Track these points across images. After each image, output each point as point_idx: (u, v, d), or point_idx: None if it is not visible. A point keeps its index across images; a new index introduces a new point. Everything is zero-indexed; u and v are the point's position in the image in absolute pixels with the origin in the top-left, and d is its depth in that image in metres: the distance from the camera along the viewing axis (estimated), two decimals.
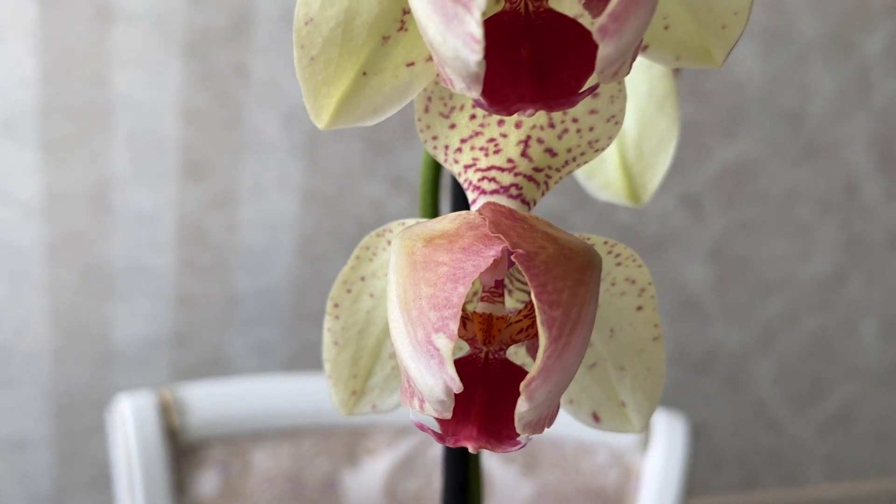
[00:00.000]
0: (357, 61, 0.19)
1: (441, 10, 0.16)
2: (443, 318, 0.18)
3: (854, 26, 1.01)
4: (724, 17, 0.20)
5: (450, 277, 0.18)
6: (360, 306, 0.21)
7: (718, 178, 1.07)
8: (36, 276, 0.94)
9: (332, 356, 0.23)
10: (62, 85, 0.86)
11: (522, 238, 0.19)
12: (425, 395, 0.18)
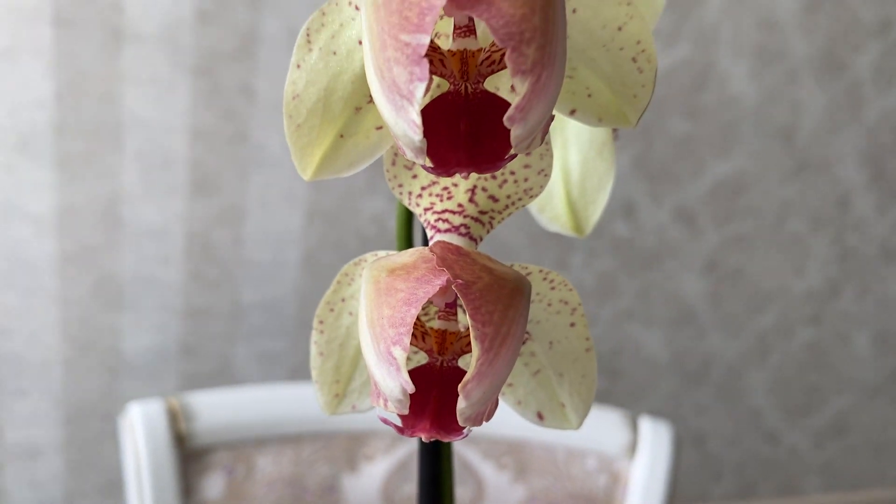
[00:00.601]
0: (335, 127, 0.23)
1: (391, 101, 0.20)
2: (399, 334, 0.22)
3: (845, 45, 1.03)
4: (635, 89, 0.24)
5: (405, 301, 0.22)
6: (341, 322, 0.26)
7: (713, 192, 1.09)
8: (48, 289, 0.96)
9: (318, 365, 0.27)
10: (75, 104, 0.89)
11: (464, 270, 0.23)
12: (388, 396, 0.23)
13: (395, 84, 0.20)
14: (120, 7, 0.86)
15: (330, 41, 0.22)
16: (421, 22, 0.20)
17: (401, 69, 0.20)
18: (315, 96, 0.23)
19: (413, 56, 0.20)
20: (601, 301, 1.13)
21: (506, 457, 0.52)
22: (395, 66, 0.20)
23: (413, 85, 0.20)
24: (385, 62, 0.20)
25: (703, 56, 1.00)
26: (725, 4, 0.98)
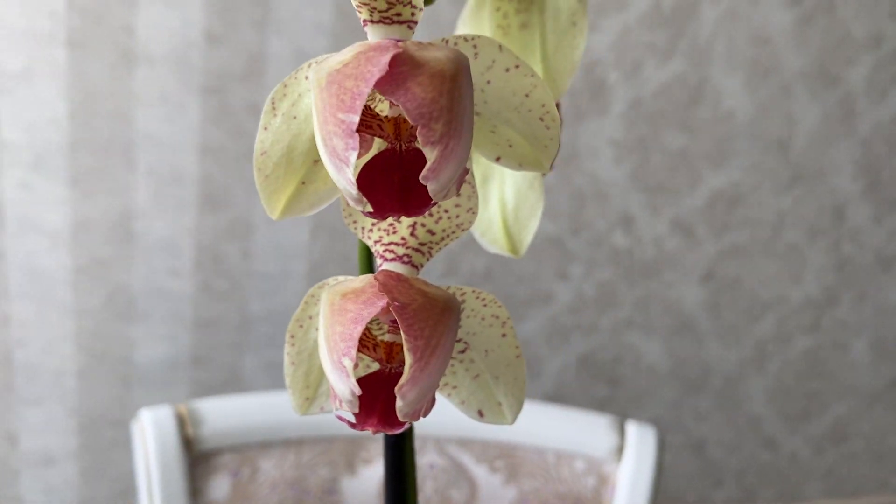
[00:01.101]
0: (297, 177, 0.28)
1: (333, 163, 0.25)
2: (347, 346, 0.27)
3: (837, 58, 1.06)
4: (545, 141, 0.29)
5: (352, 320, 0.27)
6: (309, 336, 0.31)
7: (709, 203, 1.11)
8: (62, 300, 0.99)
9: (290, 373, 0.32)
10: (88, 123, 0.92)
11: (401, 294, 0.28)
12: (341, 398, 0.27)
13: (335, 151, 0.25)
14: (131, 29, 0.89)
15: (291, 108, 0.27)
16: (353, 104, 0.24)
17: (339, 140, 0.25)
18: (279, 153, 0.27)
19: (347, 131, 0.24)
20: (601, 310, 1.15)
21: (498, 460, 0.55)
22: (334, 137, 0.25)
23: (348, 152, 0.25)
24: (327, 134, 0.25)
25: (698, 71, 1.03)
26: (719, 20, 1.01)
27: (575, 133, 1.04)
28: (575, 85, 1.01)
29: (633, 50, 1.00)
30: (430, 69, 0.25)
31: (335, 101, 0.25)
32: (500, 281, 1.11)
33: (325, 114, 0.25)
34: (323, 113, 0.25)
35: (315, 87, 0.25)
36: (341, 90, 0.24)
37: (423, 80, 0.24)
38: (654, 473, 0.55)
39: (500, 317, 0.32)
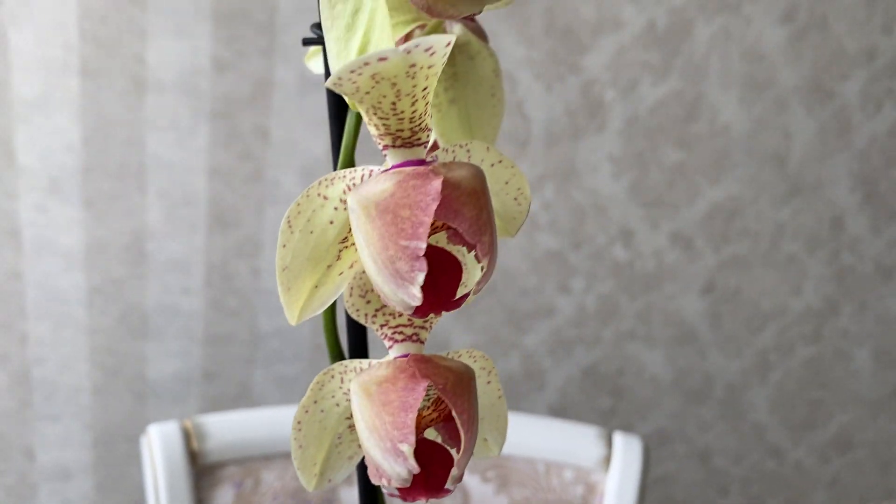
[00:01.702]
0: (312, 282, 0.30)
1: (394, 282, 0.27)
2: (404, 434, 0.29)
3: (831, 73, 1.08)
4: (514, 215, 0.33)
5: (402, 408, 0.29)
6: (315, 419, 0.32)
7: (708, 216, 1.14)
8: (78, 319, 1.02)
9: (299, 455, 0.33)
10: (101, 148, 0.96)
11: (436, 375, 0.30)
12: (392, 478, 0.30)
13: (398, 272, 0.27)
14: (142, 58, 0.93)
15: (306, 224, 0.29)
16: (415, 232, 0.27)
17: (403, 263, 0.27)
18: (299, 266, 0.30)
19: (413, 255, 0.27)
20: (603, 323, 1.18)
21: (490, 470, 0.57)
22: (398, 261, 0.27)
23: (414, 274, 0.27)
24: (388, 258, 0.27)
25: (693, 88, 1.06)
26: (712, 38, 1.03)
27: (574, 150, 1.06)
28: (573, 103, 1.04)
29: (628, 68, 1.03)
30: (467, 189, 0.27)
31: (394, 230, 0.27)
32: (503, 295, 1.13)
33: (383, 240, 0.27)
34: (381, 239, 0.27)
35: (362, 213, 0.27)
36: (398, 219, 0.27)
37: (466, 200, 0.27)
38: (640, 482, 0.58)
39: (486, 367, 0.35)
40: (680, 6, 1.00)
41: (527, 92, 1.02)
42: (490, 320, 1.14)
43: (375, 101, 0.27)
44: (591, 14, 0.99)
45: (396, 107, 0.27)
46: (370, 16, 0.26)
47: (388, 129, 0.28)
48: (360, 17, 0.26)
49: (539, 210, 1.09)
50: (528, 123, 1.04)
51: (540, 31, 0.99)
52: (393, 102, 0.27)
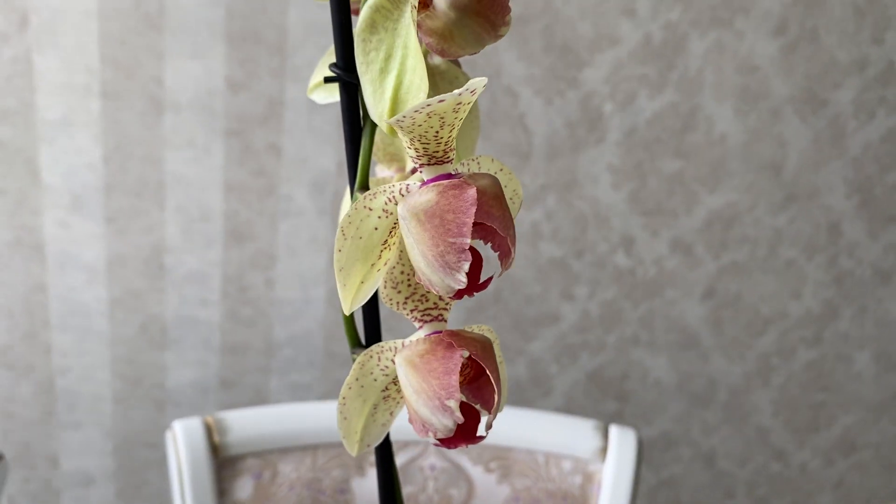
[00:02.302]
0: (360, 277, 0.35)
1: (444, 271, 0.34)
2: (450, 392, 0.34)
3: (824, 83, 1.12)
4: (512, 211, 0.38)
5: (445, 372, 0.35)
6: (357, 394, 0.38)
7: (707, 224, 1.17)
8: (99, 330, 1.07)
9: (343, 426, 0.39)
10: (122, 166, 1.00)
11: (468, 345, 0.36)
12: (440, 430, 0.35)
13: (447, 263, 0.33)
14: (160, 80, 0.97)
15: (356, 231, 0.35)
16: (461, 230, 0.33)
17: (452, 255, 0.32)
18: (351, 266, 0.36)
19: (460, 248, 0.33)
20: (607, 329, 1.21)
21: (493, 461, 0.61)
22: (447, 254, 0.32)
23: (461, 263, 0.33)
24: (439, 252, 0.33)
25: (689, 100, 1.09)
26: (707, 52, 1.07)
27: (575, 161, 1.10)
28: (573, 116, 1.08)
29: (626, 82, 1.07)
30: (492, 194, 0.34)
31: (442, 230, 0.33)
32: (509, 302, 1.17)
33: (434, 239, 0.33)
34: (432, 238, 0.33)
35: (412, 219, 0.34)
36: (445, 221, 0.33)
37: (494, 203, 0.33)
38: (635, 471, 0.62)
39: (492, 339, 0.40)
40: (674, 21, 1.05)
41: (528, 106, 1.06)
42: (497, 327, 1.18)
43: (424, 131, 0.33)
44: (588, 31, 1.04)
45: (439, 134, 0.33)
46: (401, 61, 0.32)
47: (427, 151, 0.34)
48: (392, 63, 0.32)
49: (542, 219, 1.13)
50: (530, 136, 1.08)
51: (539, 48, 1.04)
52: (437, 132, 0.33)
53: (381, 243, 0.35)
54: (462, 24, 0.32)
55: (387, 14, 0.32)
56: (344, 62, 0.33)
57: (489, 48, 1.03)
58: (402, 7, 0.32)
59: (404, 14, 0.32)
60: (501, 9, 0.33)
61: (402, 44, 0.32)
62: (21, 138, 0.97)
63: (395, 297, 0.37)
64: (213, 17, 0.95)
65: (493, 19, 0.33)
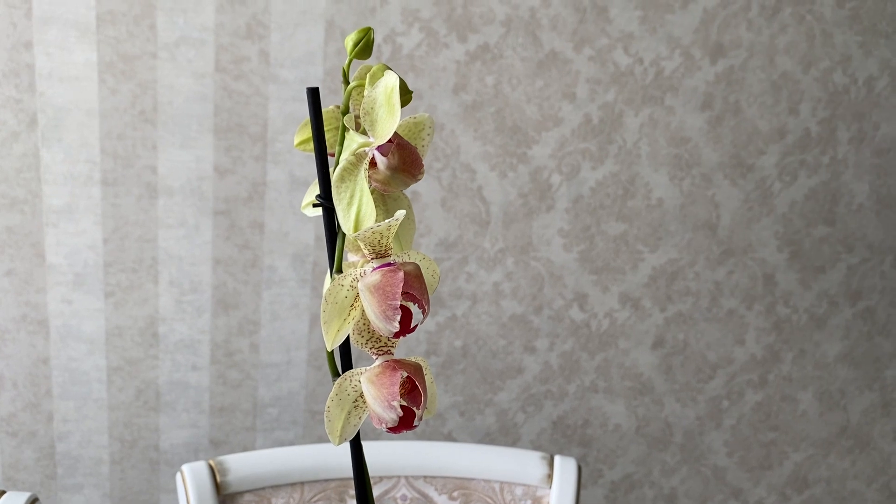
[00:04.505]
0: (337, 327, 0.52)
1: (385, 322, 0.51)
2: (394, 395, 0.51)
3: (750, 150, 1.24)
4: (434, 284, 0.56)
5: (391, 384, 0.52)
6: (337, 403, 0.53)
7: (652, 279, 1.28)
8: (98, 397, 1.15)
9: (328, 426, 0.54)
10: (119, 246, 1.10)
11: (406, 367, 0.53)
12: (388, 421, 0.52)
13: (386, 317, 0.50)
14: (154, 168, 1.09)
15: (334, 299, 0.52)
16: (395, 298, 0.50)
17: (389, 312, 0.50)
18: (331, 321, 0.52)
19: (395, 308, 0.50)
20: (567, 379, 1.31)
21: (456, 491, 0.73)
22: (387, 311, 0.50)
23: (395, 316, 0.50)
24: (381, 311, 0.50)
25: (628, 169, 1.22)
26: (641, 127, 1.21)
27: (529, 227, 1.23)
28: (525, 188, 1.21)
29: (570, 156, 1.20)
30: (414, 274, 0.51)
31: (383, 297, 0.50)
32: (476, 357, 1.27)
33: (378, 302, 0.50)
34: (378, 302, 0.50)
35: (366, 291, 0.51)
36: (385, 292, 0.50)
37: (415, 280, 0.51)
38: (576, 494, 0.74)
39: (424, 364, 0.56)
40: (610, 102, 1.18)
41: (484, 180, 1.19)
42: (466, 381, 1.28)
43: (370, 240, 0.51)
44: (535, 114, 1.17)
45: (380, 242, 0.51)
46: (360, 199, 0.51)
47: (374, 251, 0.52)
48: (354, 200, 0.51)
49: (503, 279, 1.24)
50: (488, 206, 1.21)
51: (492, 129, 1.17)
52: (379, 240, 0.51)
53: (350, 306, 0.52)
54: (394, 177, 0.51)
55: (351, 170, 0.51)
56: (325, 194, 0.52)
57: (450, 132, 1.16)
58: (359, 167, 0.51)
59: (361, 171, 0.51)
60: (418, 166, 0.52)
61: (360, 189, 0.51)
62: (29, 224, 1.07)
63: (360, 340, 0.53)
64: (202, 111, 1.07)
65: (412, 172, 0.52)
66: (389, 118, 0.50)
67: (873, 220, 1.31)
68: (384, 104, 0.50)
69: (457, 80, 1.13)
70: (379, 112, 0.50)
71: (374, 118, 0.50)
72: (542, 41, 1.14)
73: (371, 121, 0.51)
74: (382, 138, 0.50)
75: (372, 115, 0.51)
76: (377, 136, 0.50)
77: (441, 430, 1.29)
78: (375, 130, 0.50)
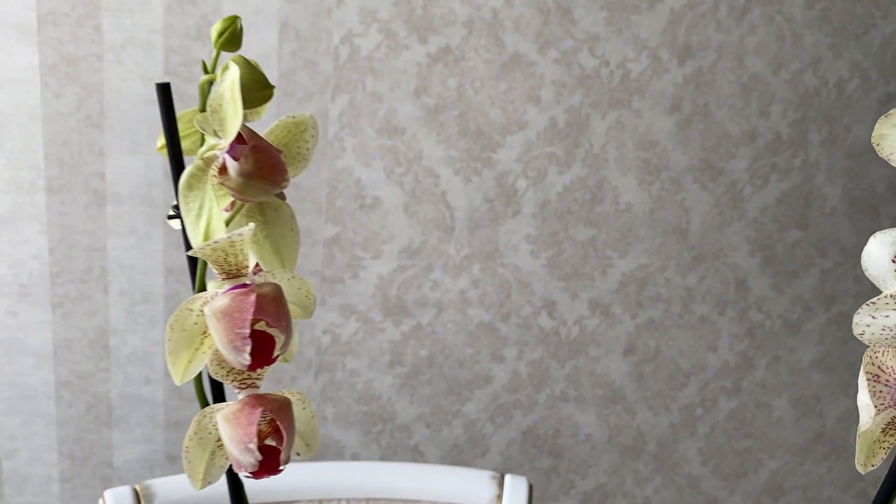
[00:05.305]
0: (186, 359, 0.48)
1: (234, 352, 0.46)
2: (250, 437, 0.47)
3: (719, 154, 1.24)
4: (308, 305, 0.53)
5: (247, 423, 0.47)
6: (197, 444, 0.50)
7: (622, 285, 1.27)
8: (47, 413, 1.12)
9: (188, 469, 0.50)
10: (67, 255, 1.08)
11: (267, 403, 0.48)
12: (245, 466, 0.47)
13: (236, 346, 0.45)
14: (101, 175, 1.06)
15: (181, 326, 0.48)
16: (243, 324, 0.46)
17: (239, 341, 0.45)
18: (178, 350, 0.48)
19: (243, 336, 0.46)
20: (537, 388, 1.29)
21: None
22: (236, 340, 0.45)
23: (245, 346, 0.46)
24: (229, 340, 0.45)
25: (595, 174, 1.21)
26: (608, 130, 1.19)
27: (495, 232, 1.21)
28: (490, 192, 1.19)
29: (536, 160, 1.18)
30: (270, 297, 0.46)
31: (231, 325, 0.46)
32: (443, 367, 1.25)
33: (227, 331, 0.46)
34: (225, 331, 0.46)
35: (212, 317, 0.46)
36: (233, 319, 0.46)
37: (270, 304, 0.46)
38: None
39: (301, 399, 0.53)
40: (577, 105, 1.17)
41: (448, 185, 1.17)
42: (432, 392, 1.26)
43: (215, 259, 0.46)
44: (499, 117, 1.15)
45: (227, 260, 0.46)
46: (209, 212, 0.46)
47: (223, 270, 0.47)
48: (202, 212, 0.46)
49: (469, 287, 1.23)
50: (452, 211, 1.19)
51: (455, 133, 1.15)
52: (225, 258, 0.46)
53: (202, 333, 0.48)
54: (249, 184, 0.46)
55: (199, 178, 0.46)
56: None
57: (412, 135, 1.13)
58: (207, 174, 0.46)
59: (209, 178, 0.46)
60: (280, 172, 0.47)
61: (210, 198, 0.46)
62: None
63: (219, 371, 0.49)
64: (152, 115, 1.04)
65: (273, 179, 0.47)
66: (235, 116, 0.45)
67: (846, 223, 1.31)
68: (230, 101, 0.45)
69: (418, 82, 1.11)
70: (227, 109, 0.45)
71: (222, 116, 0.45)
72: (505, 43, 1.12)
73: (220, 119, 0.46)
74: (229, 139, 0.45)
75: (220, 112, 0.46)
76: (226, 137, 0.46)
77: (407, 443, 1.28)
78: (224, 130, 0.46)
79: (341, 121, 1.11)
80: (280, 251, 0.50)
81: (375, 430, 1.25)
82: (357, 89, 1.10)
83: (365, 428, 1.25)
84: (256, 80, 0.46)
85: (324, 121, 1.11)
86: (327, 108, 1.10)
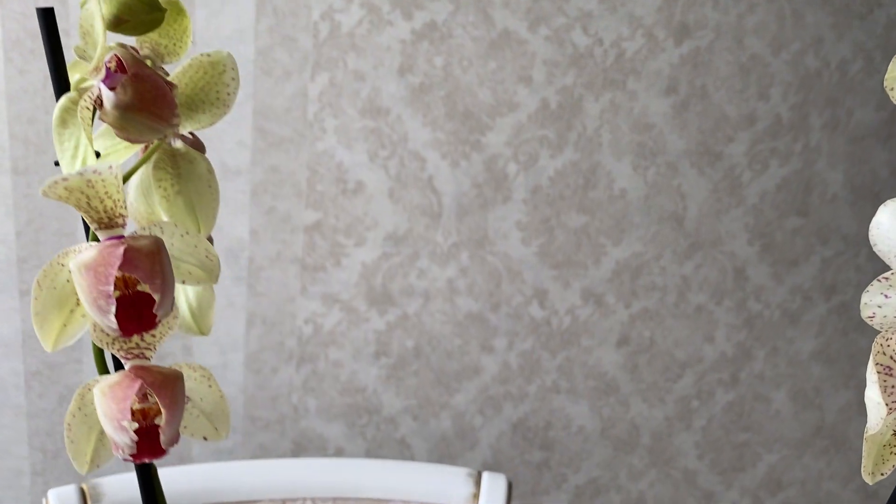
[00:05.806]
0: (60, 321, 0.43)
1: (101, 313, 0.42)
2: (123, 414, 0.42)
3: (717, 137, 1.20)
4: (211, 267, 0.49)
5: (123, 398, 0.43)
6: (81, 421, 0.45)
7: (615, 274, 1.24)
8: (16, 404, 1.09)
9: (71, 449, 0.46)
10: (34, 240, 1.04)
11: (149, 376, 0.44)
12: (123, 447, 0.43)
13: (99, 306, 0.40)
14: None
15: (50, 283, 0.43)
16: (107, 280, 0.41)
17: (102, 300, 0.40)
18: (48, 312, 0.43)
19: (106, 294, 0.41)
20: (528, 379, 1.26)
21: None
22: (99, 299, 0.40)
23: (109, 306, 0.41)
24: (93, 298, 0.41)
25: (589, 158, 1.17)
26: (602, 112, 1.15)
27: (484, 219, 1.17)
28: (479, 177, 1.15)
29: (527, 144, 1.14)
30: (144, 251, 0.41)
31: (94, 280, 0.41)
32: (430, 358, 1.22)
33: (90, 287, 0.41)
34: (88, 287, 0.41)
35: (76, 271, 0.42)
36: (97, 273, 0.41)
37: (143, 258, 0.41)
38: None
39: (206, 375, 0.48)
40: (569, 86, 1.12)
41: (435, 169, 1.13)
42: (420, 383, 1.22)
43: (76, 203, 0.41)
44: (488, 98, 1.11)
45: (92, 205, 0.41)
46: (85, 149, 0.41)
47: (92, 218, 0.42)
48: (79, 151, 0.41)
49: (457, 276, 1.19)
50: (440, 197, 1.14)
51: (442, 114, 1.10)
52: (88, 203, 0.41)
53: (76, 293, 0.43)
54: (128, 118, 0.41)
55: (73, 113, 0.41)
56: None
57: (396, 116, 1.09)
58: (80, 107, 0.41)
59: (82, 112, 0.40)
60: (166, 105, 0.41)
61: (86, 136, 0.40)
62: None
63: (104, 339, 0.44)
64: None
65: (159, 114, 0.41)
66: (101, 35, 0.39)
67: (848, 210, 1.27)
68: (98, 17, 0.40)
69: (402, 60, 1.06)
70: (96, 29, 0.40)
71: (95, 39, 0.40)
72: (494, 19, 1.07)
73: (92, 43, 0.40)
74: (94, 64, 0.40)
75: (92, 35, 0.41)
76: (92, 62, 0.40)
77: (393, 436, 1.24)
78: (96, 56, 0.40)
79: (322, 101, 1.07)
80: (195, 210, 0.45)
81: (361, 423, 1.22)
82: (338, 67, 1.05)
83: (350, 421, 1.21)
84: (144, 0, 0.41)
85: (303, 100, 1.07)
86: (307, 87, 1.06)
